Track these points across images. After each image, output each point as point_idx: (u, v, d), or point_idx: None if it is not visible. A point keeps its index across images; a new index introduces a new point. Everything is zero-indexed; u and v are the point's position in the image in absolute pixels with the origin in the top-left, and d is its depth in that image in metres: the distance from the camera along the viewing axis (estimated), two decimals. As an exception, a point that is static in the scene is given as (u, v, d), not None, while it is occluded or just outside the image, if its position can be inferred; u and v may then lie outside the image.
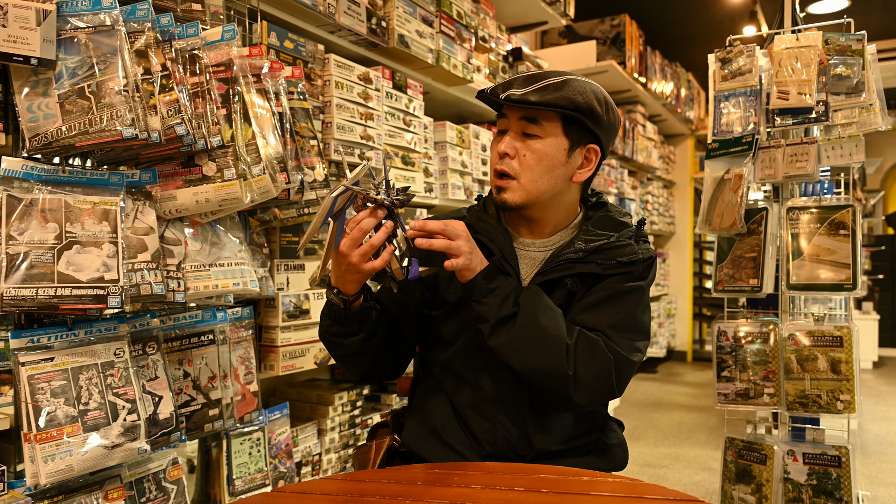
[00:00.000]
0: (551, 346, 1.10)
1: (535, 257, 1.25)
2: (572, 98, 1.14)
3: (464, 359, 1.24)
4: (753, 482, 2.11)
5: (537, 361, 1.11)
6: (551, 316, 1.13)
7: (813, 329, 2.05)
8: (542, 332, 1.11)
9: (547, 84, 1.15)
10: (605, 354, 1.13)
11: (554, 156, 1.17)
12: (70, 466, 1.19)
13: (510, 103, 1.15)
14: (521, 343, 1.11)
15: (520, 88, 1.14)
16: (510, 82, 1.17)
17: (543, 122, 1.16)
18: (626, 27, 4.37)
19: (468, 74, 2.54)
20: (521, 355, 1.12)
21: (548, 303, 1.14)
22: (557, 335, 1.11)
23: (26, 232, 1.18)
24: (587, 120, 1.16)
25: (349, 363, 1.28)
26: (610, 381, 1.14)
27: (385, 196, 1.08)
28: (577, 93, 1.15)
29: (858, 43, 2.03)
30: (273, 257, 1.74)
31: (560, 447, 1.23)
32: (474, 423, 1.24)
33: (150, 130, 1.27)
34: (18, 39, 1.16)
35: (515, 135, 1.18)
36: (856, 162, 2.07)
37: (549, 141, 1.16)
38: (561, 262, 1.19)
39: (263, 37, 1.74)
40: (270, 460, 1.68)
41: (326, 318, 1.22)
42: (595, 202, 1.31)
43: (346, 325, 1.18)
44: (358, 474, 1.10)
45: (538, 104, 1.13)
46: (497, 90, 1.16)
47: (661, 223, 5.85)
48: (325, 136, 1.90)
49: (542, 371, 1.11)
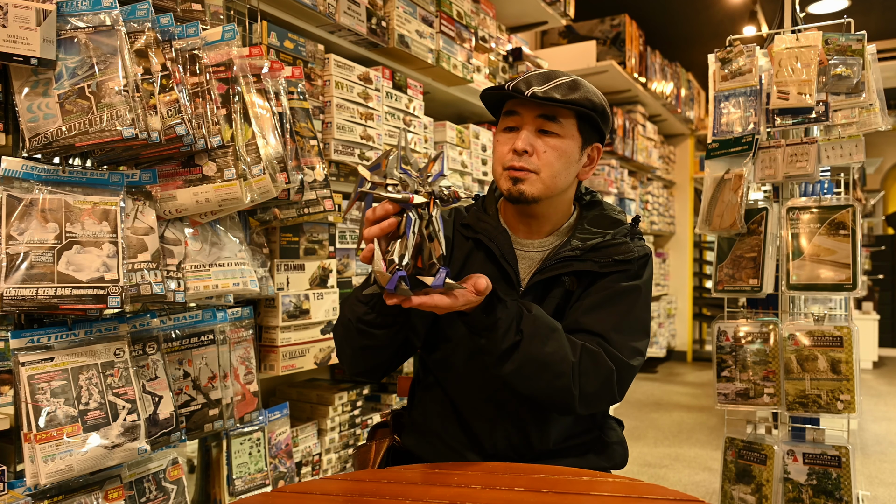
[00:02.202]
0: (557, 370, 1.09)
1: (533, 257, 1.25)
2: (591, 98, 1.17)
3: (464, 358, 1.24)
4: (753, 482, 2.11)
5: (545, 386, 1.10)
6: (554, 338, 1.11)
7: (813, 329, 2.05)
8: (547, 357, 1.09)
9: (561, 83, 1.16)
10: (608, 365, 1.12)
11: (571, 153, 1.19)
12: (70, 466, 1.19)
13: (537, 100, 1.14)
14: (528, 370, 1.09)
15: (540, 86, 1.14)
16: (527, 80, 1.16)
17: (562, 120, 1.17)
18: (626, 27, 4.36)
19: (468, 74, 2.54)
20: (529, 382, 1.10)
21: (549, 323, 1.12)
22: (562, 358, 1.09)
23: (26, 232, 1.18)
24: (599, 119, 1.19)
25: (367, 355, 1.21)
26: (612, 390, 1.14)
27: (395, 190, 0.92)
28: (592, 93, 1.18)
29: (858, 43, 2.03)
30: (273, 257, 1.74)
31: (560, 446, 1.24)
32: (474, 422, 1.24)
33: (150, 130, 1.27)
34: (18, 39, 1.16)
35: (532, 131, 1.17)
36: (856, 162, 2.07)
37: (566, 140, 1.18)
38: (558, 260, 1.20)
39: (263, 37, 1.74)
40: (270, 460, 1.68)
41: (362, 305, 1.11)
42: (589, 201, 1.32)
43: (384, 314, 1.09)
44: (358, 474, 1.10)
45: (563, 102, 1.13)
46: (519, 86, 1.14)
47: (661, 223, 5.85)
48: (325, 136, 1.90)
49: (548, 394, 1.11)
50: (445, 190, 0.94)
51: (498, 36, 2.87)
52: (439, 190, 0.94)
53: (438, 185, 0.95)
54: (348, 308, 1.16)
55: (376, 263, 0.91)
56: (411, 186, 0.93)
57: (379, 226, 0.92)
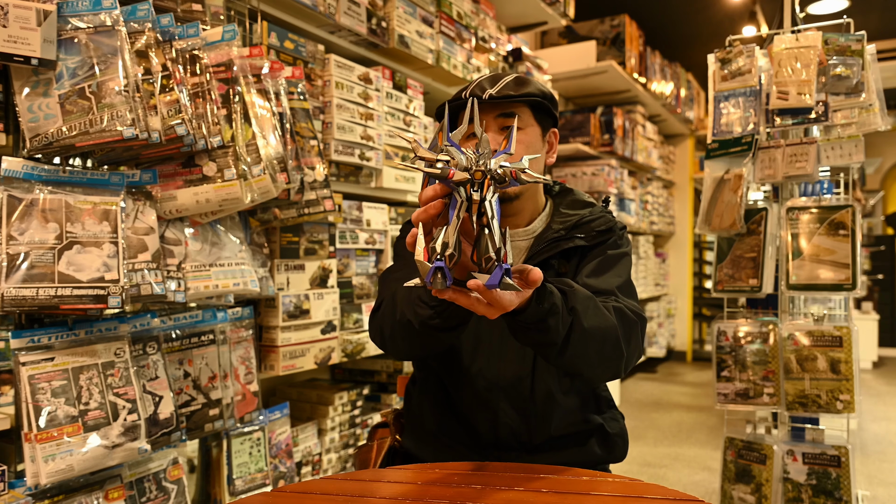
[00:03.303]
0: (612, 338, 1.05)
1: (520, 246, 1.27)
2: (539, 88, 1.24)
3: (466, 348, 1.24)
4: (753, 482, 2.11)
5: (605, 357, 1.06)
6: (597, 306, 1.05)
7: (812, 329, 2.06)
8: (602, 328, 1.03)
9: (508, 81, 1.22)
10: (633, 319, 1.11)
11: (536, 143, 1.24)
12: (70, 466, 1.19)
13: (494, 101, 1.19)
14: (591, 348, 1.03)
15: (493, 88, 1.21)
16: (480, 85, 1.22)
17: (520, 114, 1.22)
18: (625, 27, 4.37)
19: (468, 75, 2.54)
20: (588, 359, 1.05)
21: (584, 291, 1.05)
22: (612, 324, 1.05)
23: (27, 232, 1.18)
24: (551, 105, 1.25)
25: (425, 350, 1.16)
26: (640, 344, 1.14)
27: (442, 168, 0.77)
28: (538, 84, 1.25)
29: (858, 43, 2.04)
30: (273, 257, 1.74)
31: (562, 433, 1.24)
32: (474, 415, 1.24)
33: (151, 130, 1.27)
34: (19, 40, 1.16)
35: (497, 129, 1.22)
36: (855, 162, 2.07)
37: (528, 131, 1.23)
38: (546, 244, 1.23)
39: (264, 37, 1.74)
40: (270, 460, 1.68)
41: (426, 307, 1.00)
42: (560, 189, 1.37)
43: (451, 317, 0.98)
44: (358, 474, 1.10)
45: (519, 96, 1.20)
46: (475, 92, 1.20)
47: (661, 223, 5.85)
48: (326, 137, 1.90)
49: (606, 365, 1.08)
50: (499, 169, 0.79)
51: (498, 36, 2.87)
52: (495, 169, 0.78)
53: (498, 163, 0.79)
54: (409, 308, 1.04)
55: (417, 252, 0.79)
56: (461, 164, 0.78)
57: (424, 208, 0.80)
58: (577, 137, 4.32)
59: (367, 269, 2.09)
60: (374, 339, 1.22)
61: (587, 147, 4.22)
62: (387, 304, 1.16)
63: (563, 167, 4.41)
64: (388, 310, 1.15)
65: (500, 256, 0.78)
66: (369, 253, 2.10)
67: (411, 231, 0.81)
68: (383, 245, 2.14)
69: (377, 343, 1.22)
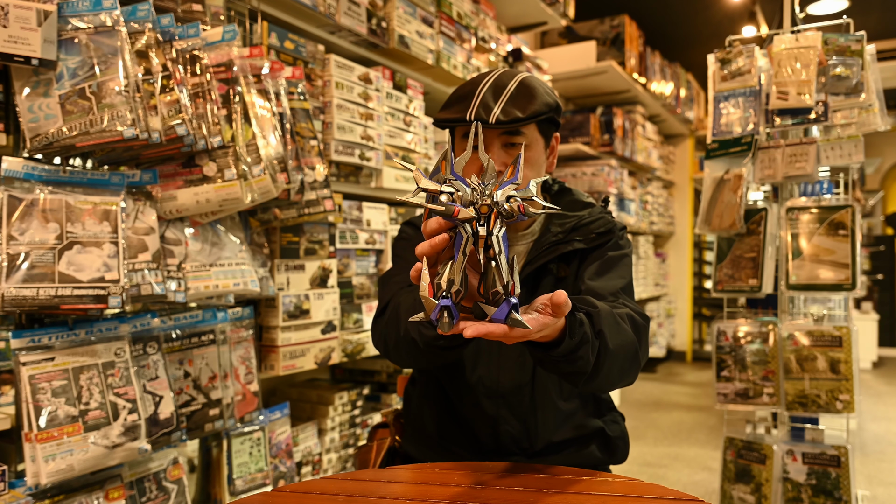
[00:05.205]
0: (632, 352, 1.06)
1: (519, 251, 1.27)
2: (546, 101, 1.18)
3: (467, 357, 1.24)
4: (753, 482, 2.11)
5: (625, 372, 1.07)
6: (617, 322, 1.03)
7: (812, 329, 2.06)
8: (624, 345, 1.03)
9: (514, 94, 1.15)
10: (641, 322, 1.12)
11: (539, 157, 1.22)
12: (71, 466, 1.19)
13: (502, 126, 1.13)
14: (616, 367, 1.03)
15: (497, 106, 1.13)
16: (484, 103, 1.14)
17: (525, 130, 1.18)
18: (625, 27, 4.37)
19: (468, 75, 2.54)
20: (613, 377, 1.05)
21: (605, 307, 1.04)
22: (630, 339, 1.05)
23: (27, 232, 1.18)
24: (556, 115, 1.22)
25: (426, 364, 1.20)
26: (647, 346, 1.15)
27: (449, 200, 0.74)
28: (544, 94, 1.19)
29: (858, 43, 2.04)
30: (273, 257, 1.74)
31: (563, 438, 1.23)
32: (474, 421, 1.24)
33: (151, 131, 1.27)
34: (19, 40, 1.16)
35: (500, 148, 1.17)
36: (855, 162, 2.07)
37: (533, 147, 1.20)
38: (545, 248, 1.22)
39: (264, 37, 1.74)
40: (271, 460, 1.68)
41: (432, 329, 1.00)
42: (559, 189, 1.35)
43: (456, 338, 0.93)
44: (358, 474, 1.10)
45: (526, 118, 1.13)
46: (480, 114, 1.12)
47: (661, 223, 5.85)
48: (326, 137, 1.90)
49: (627, 378, 1.10)
50: (506, 203, 0.75)
51: (498, 36, 2.87)
52: (502, 202, 0.75)
53: (505, 195, 0.75)
54: (413, 327, 1.02)
55: (422, 287, 0.76)
56: (466, 197, 0.74)
57: (429, 242, 0.77)
58: (577, 137, 4.32)
59: (368, 269, 2.09)
60: (378, 347, 1.22)
61: (587, 147, 4.22)
62: (390, 314, 1.15)
63: (563, 167, 4.42)
64: (391, 321, 1.14)
65: (508, 290, 0.75)
66: (369, 253, 2.10)
67: (416, 265, 0.78)
68: (383, 245, 2.14)
69: (381, 351, 1.21)
